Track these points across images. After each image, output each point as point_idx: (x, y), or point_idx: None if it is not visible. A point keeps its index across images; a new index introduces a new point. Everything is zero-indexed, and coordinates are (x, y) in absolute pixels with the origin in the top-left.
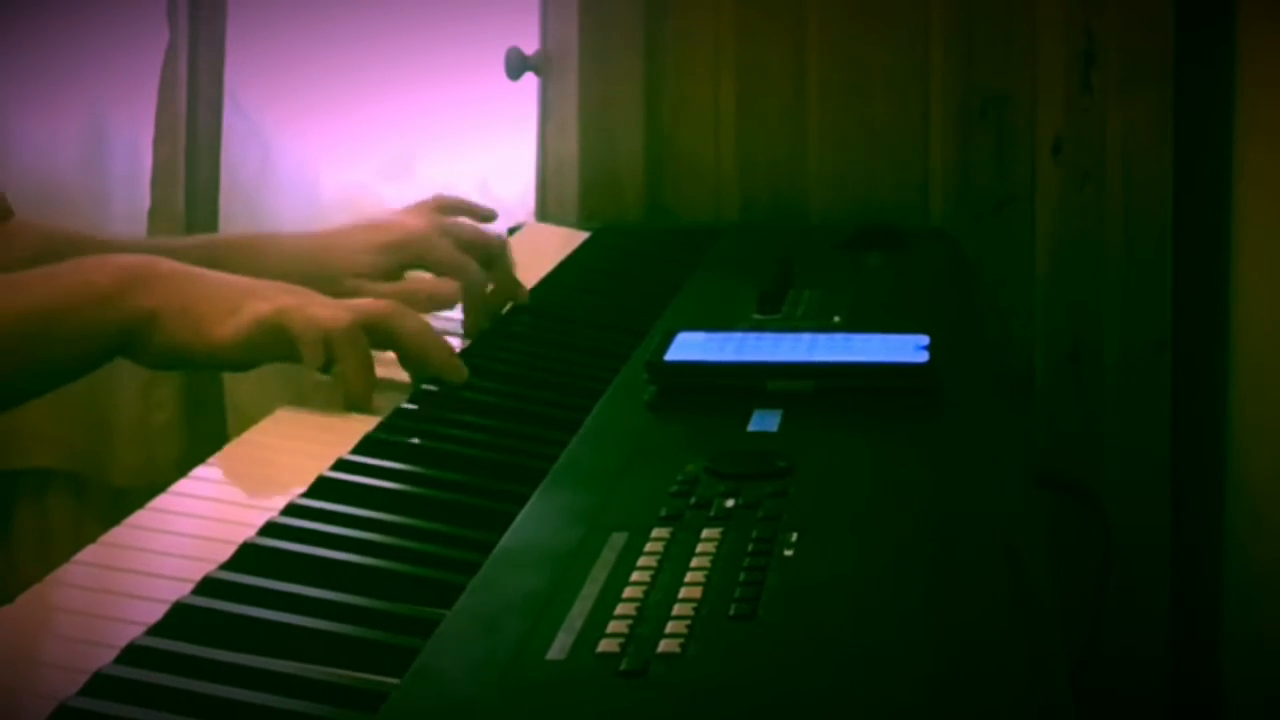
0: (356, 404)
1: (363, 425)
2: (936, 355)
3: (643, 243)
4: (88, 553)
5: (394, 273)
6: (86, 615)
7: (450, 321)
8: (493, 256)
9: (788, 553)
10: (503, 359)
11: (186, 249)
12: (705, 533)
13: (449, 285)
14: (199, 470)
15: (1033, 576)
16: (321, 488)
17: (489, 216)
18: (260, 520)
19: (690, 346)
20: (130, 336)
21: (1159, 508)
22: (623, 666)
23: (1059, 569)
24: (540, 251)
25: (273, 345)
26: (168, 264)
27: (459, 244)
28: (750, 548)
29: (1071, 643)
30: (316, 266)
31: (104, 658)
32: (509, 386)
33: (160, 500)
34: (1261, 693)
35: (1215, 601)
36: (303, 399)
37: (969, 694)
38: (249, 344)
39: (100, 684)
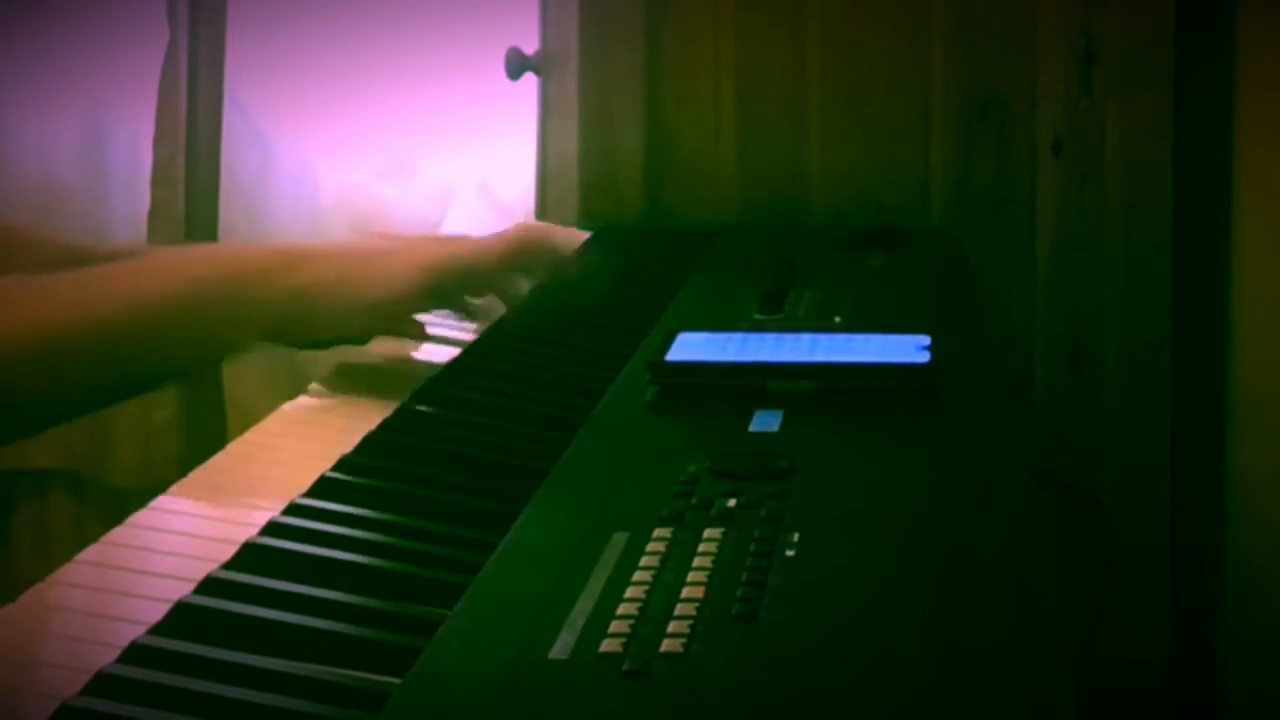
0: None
1: (364, 425)
2: (938, 355)
3: (643, 243)
4: (89, 552)
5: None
6: (87, 614)
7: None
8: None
9: (789, 553)
10: (503, 359)
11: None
12: (707, 533)
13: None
14: (200, 469)
15: (1034, 576)
16: (323, 488)
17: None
18: (261, 520)
19: (691, 346)
20: (290, 310)
21: (1159, 508)
22: (625, 666)
23: (1059, 569)
24: None
25: (450, 289)
26: (305, 243)
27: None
28: (752, 548)
29: (1071, 643)
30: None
31: (104, 657)
32: (509, 386)
33: (161, 499)
34: (1261, 693)
35: (1215, 601)
36: (303, 395)
37: (970, 694)
38: (427, 289)
39: (103, 683)
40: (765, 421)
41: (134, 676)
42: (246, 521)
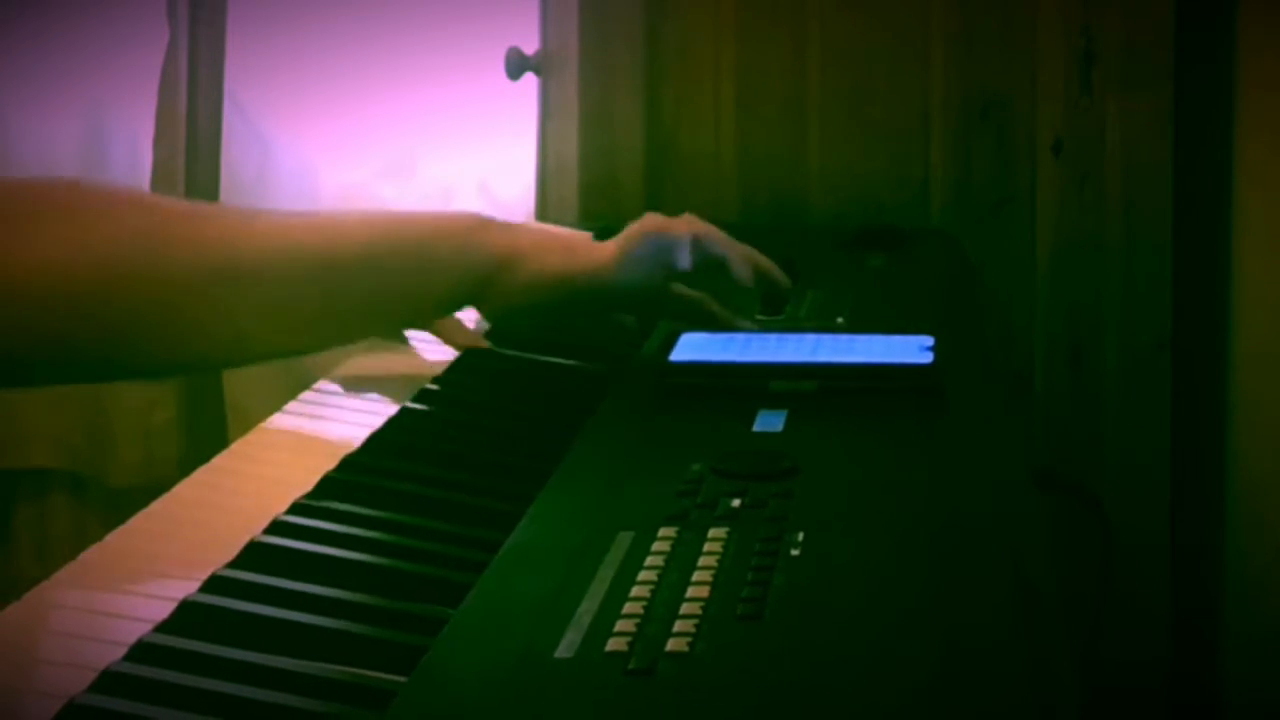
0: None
1: (367, 425)
2: (941, 356)
3: None
4: (89, 552)
5: None
6: (86, 613)
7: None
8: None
9: (794, 552)
10: (506, 360)
11: None
12: (712, 532)
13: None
14: (200, 470)
15: (1034, 576)
16: (327, 487)
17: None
18: (263, 521)
19: (695, 347)
20: (496, 268)
21: (1159, 508)
22: (631, 665)
23: (1060, 569)
24: None
25: (654, 255)
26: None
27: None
28: (757, 547)
29: (1072, 642)
30: None
31: (104, 655)
32: (512, 386)
33: (161, 500)
34: (1261, 693)
35: (1215, 601)
36: (304, 395)
37: (972, 693)
38: (630, 259)
39: (109, 681)
40: (769, 421)
41: (140, 674)
42: (247, 522)
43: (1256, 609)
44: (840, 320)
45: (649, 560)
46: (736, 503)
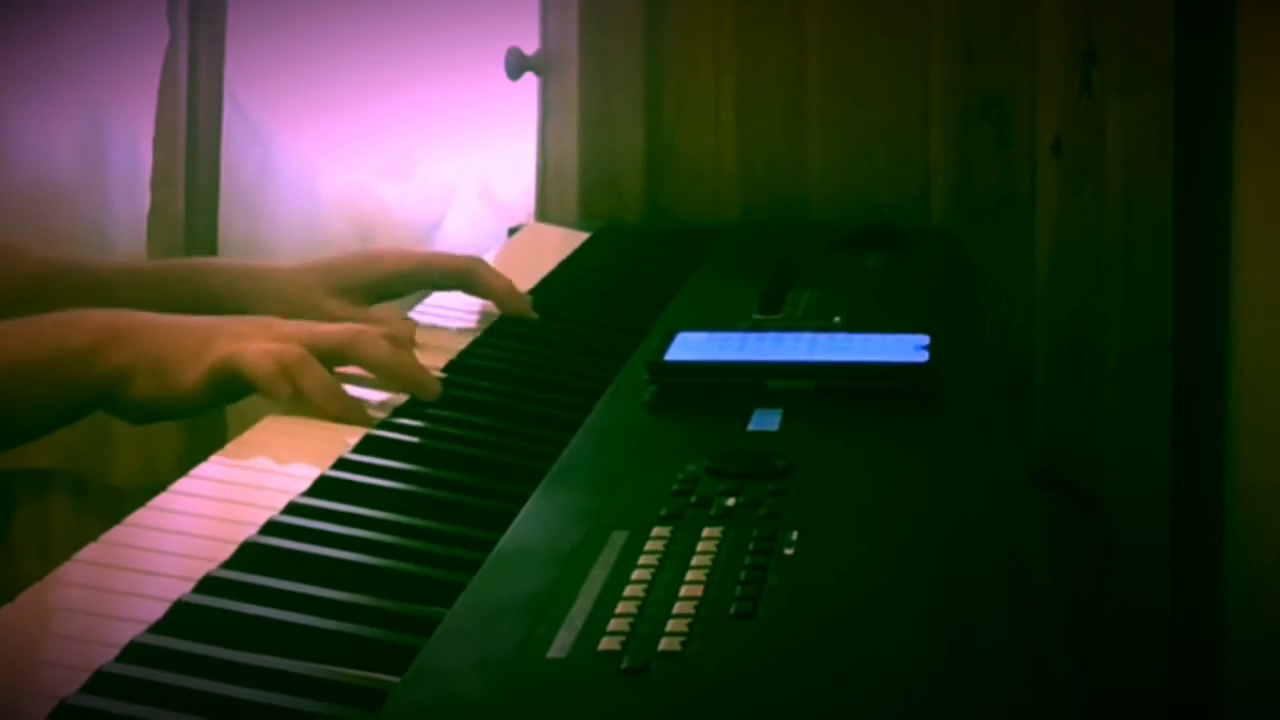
0: (343, 421)
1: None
2: (937, 355)
3: (643, 243)
4: (88, 551)
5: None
6: (86, 614)
7: None
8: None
9: (788, 552)
10: (503, 359)
11: (168, 271)
12: (706, 531)
13: (408, 326)
14: (199, 469)
15: (1034, 576)
16: (323, 486)
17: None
18: (260, 519)
19: (691, 346)
20: (106, 394)
21: (1159, 508)
22: (624, 665)
23: (1059, 569)
24: (540, 251)
25: (232, 385)
26: (141, 317)
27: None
28: (751, 546)
29: (1072, 643)
30: (280, 300)
31: (104, 656)
32: (509, 386)
33: (160, 499)
34: (1261, 693)
35: (1215, 601)
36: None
37: (969, 693)
38: (210, 389)
39: (101, 682)
40: (764, 421)
41: (133, 675)
42: (245, 521)
43: (1256, 609)
44: (837, 320)
45: (643, 559)
46: (731, 502)
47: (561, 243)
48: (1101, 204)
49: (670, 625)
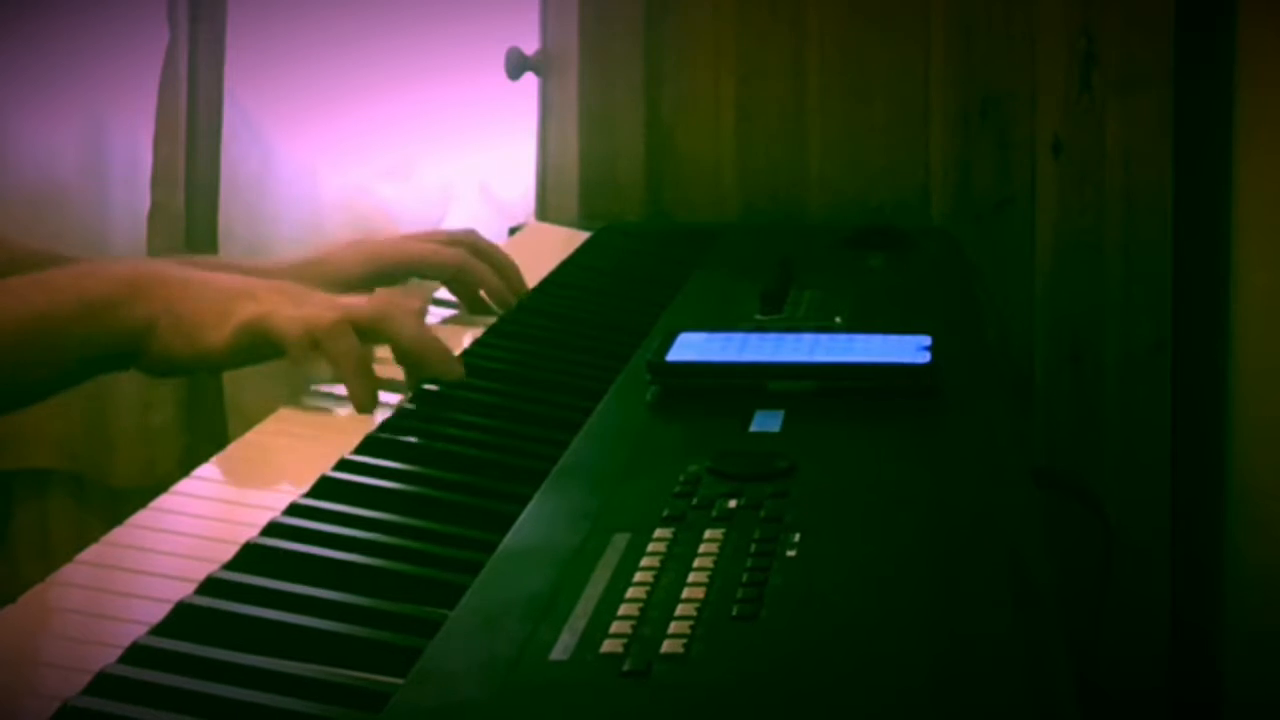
0: (359, 403)
1: (365, 425)
2: (938, 356)
3: (643, 243)
4: (89, 552)
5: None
6: (88, 615)
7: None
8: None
9: (790, 553)
10: (503, 359)
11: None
12: (708, 533)
13: (414, 302)
14: (200, 470)
15: (1034, 576)
16: (324, 488)
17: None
18: (262, 520)
19: (692, 347)
20: (128, 346)
21: (1159, 508)
22: (626, 667)
23: (1059, 569)
24: (540, 251)
25: (260, 348)
26: (165, 268)
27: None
28: (753, 548)
29: (1072, 643)
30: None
31: (105, 658)
32: (509, 386)
33: (161, 500)
34: (1261, 692)
35: (1215, 601)
36: (304, 399)
37: (971, 694)
38: (236, 349)
39: (104, 683)
40: (766, 422)
41: (135, 677)
42: (247, 522)
43: (1256, 609)
44: (838, 320)
45: (645, 561)
46: (733, 503)
47: (562, 243)
48: (1101, 204)
49: (672, 627)
